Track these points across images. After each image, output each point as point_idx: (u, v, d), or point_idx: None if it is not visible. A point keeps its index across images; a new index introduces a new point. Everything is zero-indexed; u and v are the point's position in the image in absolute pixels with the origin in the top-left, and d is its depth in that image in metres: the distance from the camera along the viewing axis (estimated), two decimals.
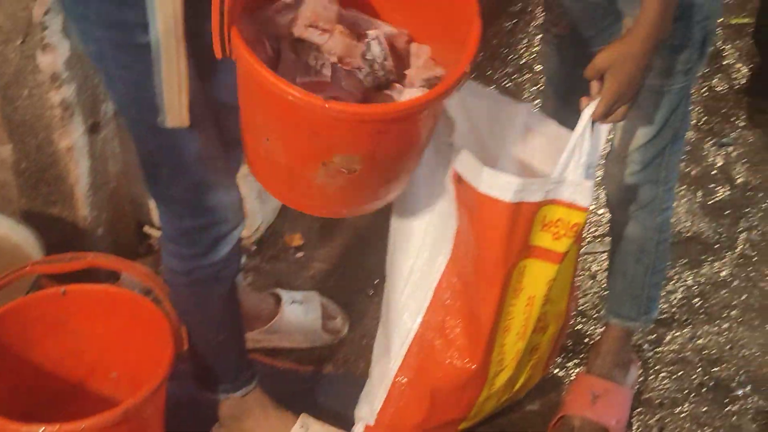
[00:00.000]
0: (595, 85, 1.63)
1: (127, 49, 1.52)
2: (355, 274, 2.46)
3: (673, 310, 2.40)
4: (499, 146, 1.84)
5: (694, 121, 3.02)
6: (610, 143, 1.90)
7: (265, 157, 1.59)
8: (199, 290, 1.81)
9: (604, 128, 1.67)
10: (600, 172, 1.93)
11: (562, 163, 1.63)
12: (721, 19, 3.42)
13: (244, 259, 2.46)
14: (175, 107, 1.55)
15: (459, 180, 1.67)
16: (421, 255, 1.78)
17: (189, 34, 1.51)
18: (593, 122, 1.63)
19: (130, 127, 1.68)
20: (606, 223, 2.51)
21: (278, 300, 2.26)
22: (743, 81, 3.19)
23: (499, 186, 1.61)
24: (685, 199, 2.73)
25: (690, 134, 2.96)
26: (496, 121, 1.84)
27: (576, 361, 2.27)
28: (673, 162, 1.90)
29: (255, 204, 2.44)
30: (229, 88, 1.77)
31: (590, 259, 2.53)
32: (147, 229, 2.48)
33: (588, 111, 1.61)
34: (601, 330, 2.20)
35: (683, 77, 1.75)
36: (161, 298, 1.78)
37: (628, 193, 1.91)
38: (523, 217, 1.64)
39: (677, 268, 2.51)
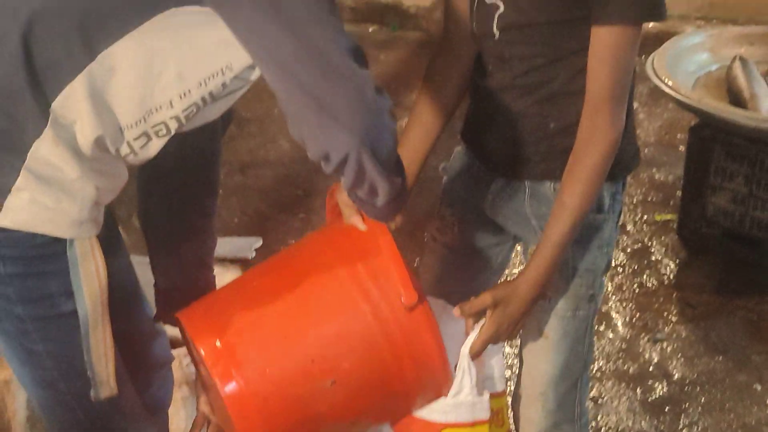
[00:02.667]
0: (469, 323, 1.68)
1: (52, 321, 1.52)
2: None
3: None
4: None
5: (628, 318, 3.09)
6: (520, 384, 1.90)
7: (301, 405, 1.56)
8: None
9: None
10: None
11: (456, 388, 1.64)
12: (646, 216, 3.59)
13: None
14: (104, 379, 1.56)
15: None
16: None
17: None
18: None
19: (53, 401, 1.62)
20: None
21: None
22: (671, 276, 3.30)
23: None
24: (625, 397, 2.76)
25: (624, 331, 3.03)
26: None
27: None
28: (585, 395, 1.90)
29: None
30: (146, 314, 1.83)
31: None
32: None
33: (465, 349, 1.65)
34: None
35: (587, 303, 1.80)
36: None
37: None
38: None
39: None
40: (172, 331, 1.96)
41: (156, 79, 1.38)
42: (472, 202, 1.86)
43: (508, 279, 1.71)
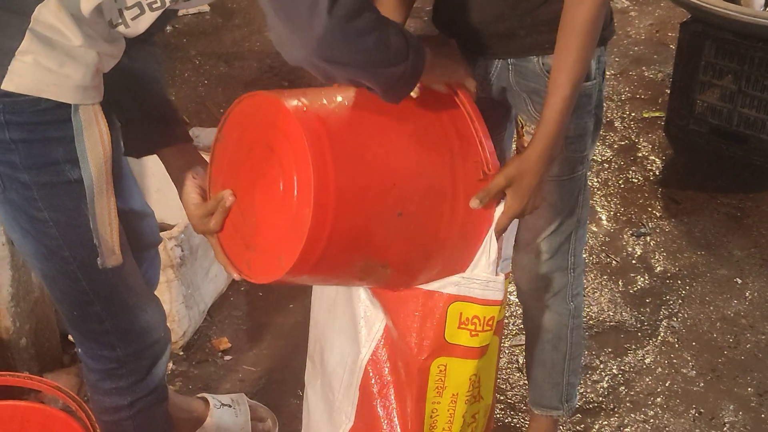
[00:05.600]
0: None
1: (59, 188, 1.52)
2: (284, 375, 2.45)
3: (600, 399, 2.43)
4: None
5: (612, 212, 3.10)
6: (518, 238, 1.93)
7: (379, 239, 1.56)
8: (143, 419, 1.79)
9: (513, 224, 1.71)
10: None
11: (473, 263, 1.66)
12: (634, 114, 3.57)
13: (171, 365, 2.44)
14: (109, 247, 1.56)
15: None
16: (350, 353, 1.79)
17: None
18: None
19: (58, 270, 1.62)
20: None
21: (206, 404, 2.24)
22: (657, 172, 3.30)
23: None
24: (607, 289, 2.79)
25: (608, 225, 3.05)
26: None
27: None
28: (579, 248, 1.95)
29: (181, 309, 2.43)
30: (136, 194, 1.80)
31: (517, 351, 2.56)
32: (72, 338, 2.45)
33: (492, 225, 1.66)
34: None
35: (580, 165, 1.83)
36: (74, 408, 1.74)
37: (539, 282, 1.95)
38: (436, 308, 1.66)
39: (602, 357, 2.55)
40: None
41: None
42: None
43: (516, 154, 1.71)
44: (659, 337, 2.63)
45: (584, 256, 2.87)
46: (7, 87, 1.42)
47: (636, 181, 3.25)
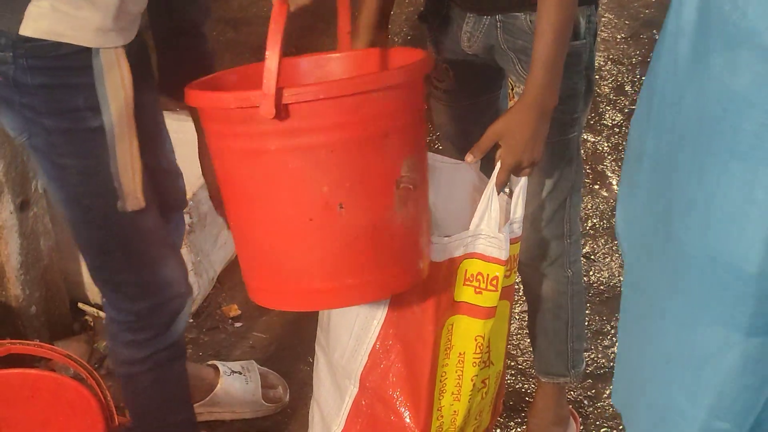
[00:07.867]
0: (495, 154, 1.67)
1: (79, 135, 1.52)
2: (294, 342, 2.45)
3: (611, 364, 2.42)
4: (447, 207, 1.86)
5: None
6: None
7: (332, 237, 1.49)
8: (160, 374, 1.80)
9: (521, 182, 1.70)
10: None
11: (477, 219, 1.66)
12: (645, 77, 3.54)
13: None
14: (131, 190, 1.56)
15: None
16: (357, 319, 1.79)
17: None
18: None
19: (79, 218, 1.63)
20: None
21: (217, 371, 2.25)
22: None
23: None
24: (617, 254, 2.78)
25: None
26: (440, 183, 1.85)
27: (518, 420, 2.28)
28: (575, 215, 1.93)
29: (190, 275, 2.43)
30: (169, 153, 1.80)
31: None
32: (82, 305, 2.46)
33: (492, 180, 1.65)
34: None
35: (572, 128, 1.80)
36: (84, 375, 1.75)
37: (536, 251, 1.93)
38: (449, 273, 1.66)
39: (613, 323, 2.54)
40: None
41: None
42: (452, 44, 1.83)
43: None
44: None
45: (595, 220, 2.87)
46: (25, 32, 1.43)
47: None
